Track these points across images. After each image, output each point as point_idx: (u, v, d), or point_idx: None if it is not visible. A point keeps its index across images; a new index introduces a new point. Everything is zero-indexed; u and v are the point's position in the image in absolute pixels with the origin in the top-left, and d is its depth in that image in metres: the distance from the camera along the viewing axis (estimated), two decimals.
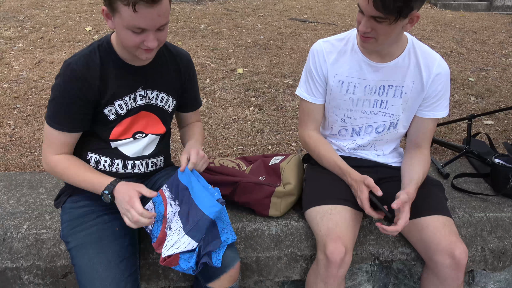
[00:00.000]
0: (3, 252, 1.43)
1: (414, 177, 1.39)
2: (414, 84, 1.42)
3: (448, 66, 1.43)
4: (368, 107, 1.46)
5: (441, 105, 1.45)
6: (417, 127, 1.48)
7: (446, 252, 1.29)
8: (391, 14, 1.20)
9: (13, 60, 3.94)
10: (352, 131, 1.51)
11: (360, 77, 1.43)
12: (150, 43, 1.12)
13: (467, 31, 5.13)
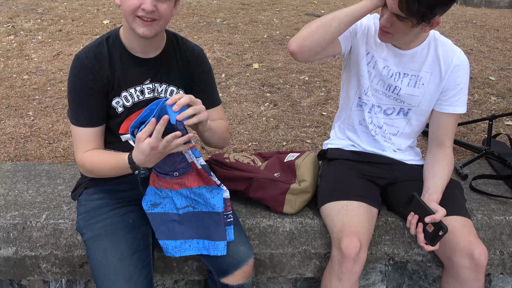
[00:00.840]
0: (23, 240, 1.47)
1: (439, 185, 1.38)
2: (432, 75, 1.42)
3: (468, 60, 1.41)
4: (381, 88, 1.47)
5: (461, 100, 1.43)
6: (437, 122, 1.46)
7: (465, 253, 1.27)
8: (413, 17, 1.21)
9: (32, 52, 4.01)
10: (370, 107, 1.50)
11: (382, 56, 1.44)
12: (146, 5, 1.09)
13: (489, 28, 5.00)
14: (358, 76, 1.48)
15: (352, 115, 1.56)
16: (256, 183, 1.50)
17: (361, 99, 1.51)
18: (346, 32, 1.41)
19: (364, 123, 1.54)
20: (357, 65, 1.47)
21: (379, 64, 1.44)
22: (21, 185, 1.74)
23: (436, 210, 1.27)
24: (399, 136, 1.55)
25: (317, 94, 3.00)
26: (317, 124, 2.56)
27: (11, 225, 1.48)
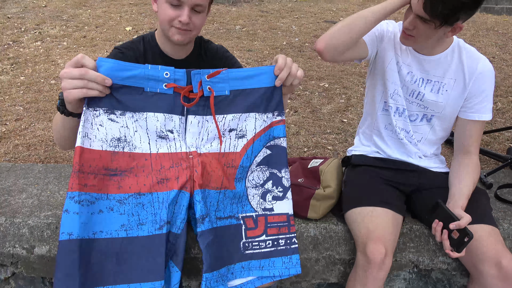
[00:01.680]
0: (56, 239, 1.52)
1: (465, 191, 1.37)
2: (455, 82, 1.43)
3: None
4: (405, 94, 1.48)
5: (486, 107, 1.43)
6: (463, 129, 1.46)
7: (492, 262, 1.27)
8: (436, 19, 1.23)
9: (58, 58, 4.15)
10: (396, 110, 1.52)
11: (407, 62, 1.46)
12: (183, 18, 1.16)
13: (511, 36, 4.93)
14: (384, 81, 1.50)
15: (378, 120, 1.58)
16: None
17: (387, 103, 1.53)
18: (373, 36, 1.43)
19: (390, 127, 1.56)
20: (383, 70, 1.49)
21: (403, 69, 1.46)
22: (52, 186, 1.80)
23: (461, 216, 1.27)
24: (423, 143, 1.56)
25: (337, 101, 3.02)
26: (338, 130, 2.58)
27: (45, 224, 1.54)
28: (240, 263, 1.02)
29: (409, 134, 1.54)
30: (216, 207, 0.99)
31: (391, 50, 1.47)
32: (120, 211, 0.87)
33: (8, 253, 1.52)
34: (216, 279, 0.96)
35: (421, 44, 1.38)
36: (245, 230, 1.03)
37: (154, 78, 0.96)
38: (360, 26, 1.31)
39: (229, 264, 1.01)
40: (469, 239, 1.22)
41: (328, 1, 6.70)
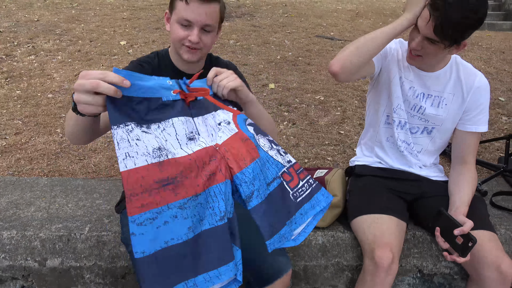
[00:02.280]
0: (68, 251, 1.54)
1: (465, 199, 1.45)
2: (454, 96, 1.51)
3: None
4: (407, 107, 1.56)
5: (482, 119, 1.52)
6: (461, 141, 1.54)
7: (492, 266, 1.33)
8: (446, 40, 1.31)
9: (54, 72, 4.16)
10: (399, 123, 1.59)
11: (409, 78, 1.54)
12: (192, 37, 1.22)
13: (495, 50, 5.15)
14: (389, 95, 1.57)
15: (380, 132, 1.65)
16: None
17: (390, 117, 1.60)
18: (378, 54, 1.52)
19: (391, 140, 1.63)
20: (388, 85, 1.57)
21: (405, 85, 1.55)
22: (60, 199, 1.82)
23: (464, 222, 1.34)
24: (423, 154, 1.64)
25: (333, 113, 3.11)
26: (336, 142, 2.65)
27: (56, 237, 1.56)
28: (298, 211, 1.10)
29: (410, 146, 1.62)
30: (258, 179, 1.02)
31: (395, 66, 1.55)
32: (184, 216, 0.89)
33: (20, 266, 1.53)
34: (279, 240, 1.03)
35: (428, 63, 1.46)
36: (287, 184, 1.10)
37: (165, 87, 1.00)
38: (372, 48, 1.38)
39: (288, 219, 1.07)
40: (473, 244, 1.28)
41: (318, 16, 6.88)
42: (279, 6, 7.69)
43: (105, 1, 7.78)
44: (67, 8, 7.02)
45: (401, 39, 1.58)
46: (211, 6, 1.22)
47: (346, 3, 8.39)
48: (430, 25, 1.29)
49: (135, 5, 7.47)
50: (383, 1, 9.00)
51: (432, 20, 1.29)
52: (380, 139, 1.67)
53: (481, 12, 1.27)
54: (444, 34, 1.28)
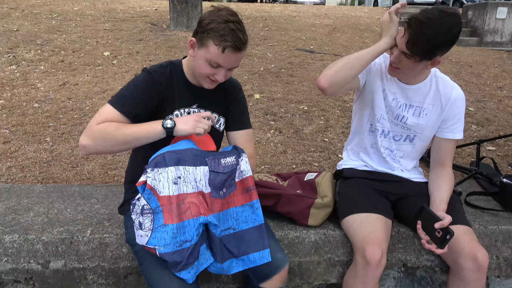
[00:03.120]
0: (71, 254, 1.58)
1: (444, 197, 1.59)
2: (434, 107, 1.66)
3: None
4: (390, 117, 1.70)
5: (459, 128, 1.68)
6: (439, 146, 1.70)
7: (469, 256, 1.47)
8: (417, 55, 1.46)
9: (37, 82, 4.14)
10: (382, 132, 1.73)
11: (392, 90, 1.68)
12: (219, 77, 1.34)
13: (463, 64, 5.48)
14: (372, 106, 1.71)
15: (365, 139, 1.79)
16: (285, 198, 1.68)
17: (373, 126, 1.74)
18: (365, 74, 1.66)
19: (375, 146, 1.77)
20: (371, 97, 1.71)
21: (389, 96, 1.69)
22: (58, 205, 1.86)
23: (444, 217, 1.48)
24: (405, 159, 1.78)
25: (317, 122, 3.26)
26: (321, 149, 2.79)
27: (59, 239, 1.60)
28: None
29: (393, 152, 1.76)
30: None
31: (378, 79, 1.69)
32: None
33: (23, 268, 1.56)
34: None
35: (406, 75, 1.61)
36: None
37: None
38: (357, 67, 1.53)
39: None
40: (451, 236, 1.42)
41: (297, 30, 7.11)
42: (260, 20, 7.90)
43: (85, 12, 7.77)
44: (47, 18, 6.97)
45: (385, 53, 1.74)
46: (242, 53, 1.32)
47: (323, 18, 8.70)
48: (403, 40, 1.45)
49: (116, 17, 7.50)
50: (358, 16, 9.39)
51: (405, 36, 1.45)
52: (365, 145, 1.80)
53: (451, 33, 1.41)
54: (415, 49, 1.43)
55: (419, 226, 1.53)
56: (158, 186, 1.24)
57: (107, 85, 4.07)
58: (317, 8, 10.49)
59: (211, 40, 1.28)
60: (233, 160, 1.37)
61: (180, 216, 1.25)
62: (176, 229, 1.24)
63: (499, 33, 7.80)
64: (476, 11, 8.21)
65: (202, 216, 1.27)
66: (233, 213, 1.38)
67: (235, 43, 1.27)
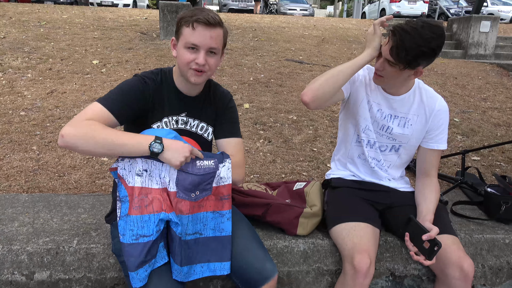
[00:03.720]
0: (57, 264, 1.56)
1: (431, 208, 1.61)
2: (418, 117, 1.69)
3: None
4: (376, 128, 1.72)
5: (443, 138, 1.71)
6: (424, 157, 1.73)
7: (456, 266, 1.50)
8: (400, 63, 1.49)
9: (24, 90, 4.09)
10: (368, 143, 1.75)
11: (376, 101, 1.70)
12: (199, 60, 1.34)
13: (448, 76, 5.61)
14: (357, 117, 1.74)
15: (352, 150, 1.81)
16: (274, 207, 1.69)
17: (360, 136, 1.77)
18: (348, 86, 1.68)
19: (363, 157, 1.79)
20: (356, 108, 1.73)
21: (374, 107, 1.71)
22: (44, 214, 1.83)
23: (431, 228, 1.50)
24: (392, 168, 1.81)
25: (306, 132, 3.28)
26: (309, 158, 2.81)
27: (44, 250, 1.57)
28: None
29: (380, 162, 1.78)
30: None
31: (363, 91, 1.72)
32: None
33: (7, 280, 1.53)
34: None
35: (389, 83, 1.63)
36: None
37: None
38: (340, 80, 1.55)
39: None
40: (439, 248, 1.44)
41: (287, 41, 7.19)
42: (249, 31, 7.97)
43: (74, 20, 7.74)
44: (35, 26, 6.92)
45: (368, 65, 1.77)
46: (216, 31, 1.35)
47: (312, 30, 8.83)
48: (388, 47, 1.49)
49: (105, 25, 7.49)
50: (346, 28, 9.55)
51: (389, 44, 1.49)
52: (352, 156, 1.82)
53: (434, 43, 1.45)
54: (398, 56, 1.47)
55: (407, 238, 1.54)
56: (127, 176, 1.26)
57: (96, 93, 4.05)
58: (306, 19, 10.64)
59: (184, 25, 1.34)
60: (211, 164, 1.34)
61: (141, 209, 1.25)
62: (136, 221, 1.25)
63: (483, 46, 8.01)
64: (460, 24, 8.43)
65: (163, 213, 1.25)
66: (203, 218, 1.36)
67: (204, 17, 1.31)
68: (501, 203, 1.90)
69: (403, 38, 1.44)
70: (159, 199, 1.26)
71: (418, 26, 1.44)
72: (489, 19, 7.96)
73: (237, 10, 15.60)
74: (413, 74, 1.58)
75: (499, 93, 5.07)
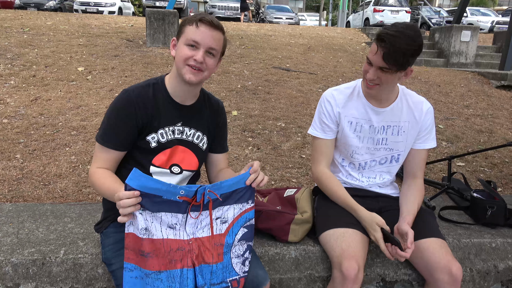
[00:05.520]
0: (43, 276, 1.51)
1: (411, 210, 1.62)
2: (409, 123, 1.72)
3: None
4: (372, 144, 1.73)
5: (430, 137, 1.75)
6: (412, 158, 1.75)
7: (444, 270, 1.51)
8: (394, 67, 1.51)
9: (7, 97, 4.01)
10: (359, 166, 1.76)
11: (366, 118, 1.71)
12: (197, 57, 1.34)
13: (432, 84, 5.73)
14: (344, 142, 1.74)
15: (342, 171, 1.81)
16: (265, 214, 1.68)
17: (345, 160, 1.78)
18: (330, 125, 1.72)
19: (350, 178, 1.80)
20: (341, 134, 1.73)
21: (364, 125, 1.72)
22: (29, 224, 1.78)
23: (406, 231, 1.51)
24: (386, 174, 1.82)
25: (295, 139, 3.30)
26: (298, 165, 2.82)
27: (30, 261, 1.52)
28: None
29: (375, 178, 1.79)
30: (210, 277, 1.33)
31: (345, 117, 1.71)
32: (146, 282, 1.25)
33: None
34: None
35: (385, 89, 1.64)
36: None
37: (172, 192, 1.25)
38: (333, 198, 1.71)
39: None
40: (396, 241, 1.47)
41: (274, 49, 7.25)
42: (236, 38, 8.01)
43: (59, 27, 7.65)
44: (18, 32, 6.81)
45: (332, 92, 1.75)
46: (218, 33, 1.37)
47: (298, 38, 8.92)
48: (379, 55, 1.51)
49: (90, 32, 7.42)
50: (332, 37, 9.69)
51: (380, 51, 1.51)
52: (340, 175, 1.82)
53: (418, 41, 1.50)
54: (393, 60, 1.49)
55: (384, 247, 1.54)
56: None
57: (81, 100, 3.99)
58: (292, 28, 10.75)
59: (187, 24, 1.37)
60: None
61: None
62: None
63: (464, 54, 8.23)
64: (442, 34, 8.65)
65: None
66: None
67: (208, 18, 1.36)
68: (487, 208, 1.94)
69: (393, 42, 1.47)
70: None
71: (401, 28, 1.48)
72: (469, 29, 8.20)
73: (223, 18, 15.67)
74: (404, 76, 1.60)
75: (481, 100, 5.20)
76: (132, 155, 1.46)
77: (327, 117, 1.72)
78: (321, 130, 1.74)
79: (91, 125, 3.36)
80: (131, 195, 1.17)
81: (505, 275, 1.81)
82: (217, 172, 1.64)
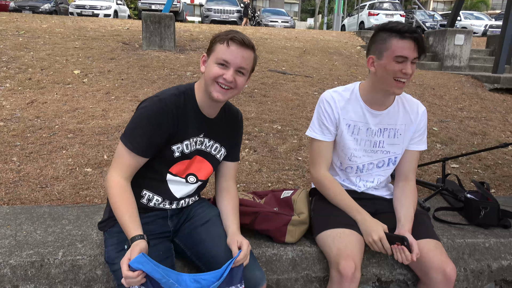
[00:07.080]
0: (41, 277, 1.52)
1: (408, 216, 1.64)
2: (406, 126, 1.75)
3: None
4: (369, 147, 1.75)
5: (423, 140, 1.78)
6: (405, 159, 1.77)
7: (439, 270, 1.54)
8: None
9: (3, 100, 4.00)
10: (357, 169, 1.78)
11: (363, 121, 1.73)
12: (227, 76, 1.36)
13: (426, 87, 5.78)
14: (342, 145, 1.76)
15: (339, 174, 1.84)
16: (262, 216, 1.70)
17: (343, 164, 1.80)
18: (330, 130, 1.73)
19: (347, 181, 1.82)
20: (340, 137, 1.75)
21: (362, 128, 1.74)
22: (27, 226, 1.79)
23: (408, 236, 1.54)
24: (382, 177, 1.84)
25: (291, 141, 3.32)
26: (295, 167, 2.84)
27: (28, 263, 1.53)
28: None
29: (373, 182, 1.80)
30: None
31: (343, 120, 1.73)
32: None
33: None
34: None
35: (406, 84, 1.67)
36: None
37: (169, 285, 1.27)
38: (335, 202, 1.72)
39: None
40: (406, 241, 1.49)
41: (269, 52, 7.29)
42: None
43: (54, 30, 7.64)
44: (14, 35, 6.80)
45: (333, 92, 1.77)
46: (248, 52, 1.38)
47: (294, 41, 8.97)
48: (412, 48, 1.52)
49: (86, 35, 7.42)
50: (327, 40, 9.75)
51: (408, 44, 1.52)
52: (338, 178, 1.84)
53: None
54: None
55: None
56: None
57: (78, 103, 3.99)
58: (288, 31, 10.81)
59: (218, 42, 1.37)
60: None
61: None
62: None
63: (458, 58, 8.32)
64: (436, 37, 8.73)
65: None
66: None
67: (240, 37, 1.36)
68: (481, 209, 1.97)
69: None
70: None
71: (396, 23, 1.57)
72: (463, 33, 8.29)
73: (219, 22, 15.71)
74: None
75: (475, 103, 5.26)
76: (150, 163, 1.47)
77: (327, 119, 1.74)
78: (320, 132, 1.76)
79: (88, 127, 3.36)
80: (135, 275, 1.22)
81: (498, 275, 1.84)
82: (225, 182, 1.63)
